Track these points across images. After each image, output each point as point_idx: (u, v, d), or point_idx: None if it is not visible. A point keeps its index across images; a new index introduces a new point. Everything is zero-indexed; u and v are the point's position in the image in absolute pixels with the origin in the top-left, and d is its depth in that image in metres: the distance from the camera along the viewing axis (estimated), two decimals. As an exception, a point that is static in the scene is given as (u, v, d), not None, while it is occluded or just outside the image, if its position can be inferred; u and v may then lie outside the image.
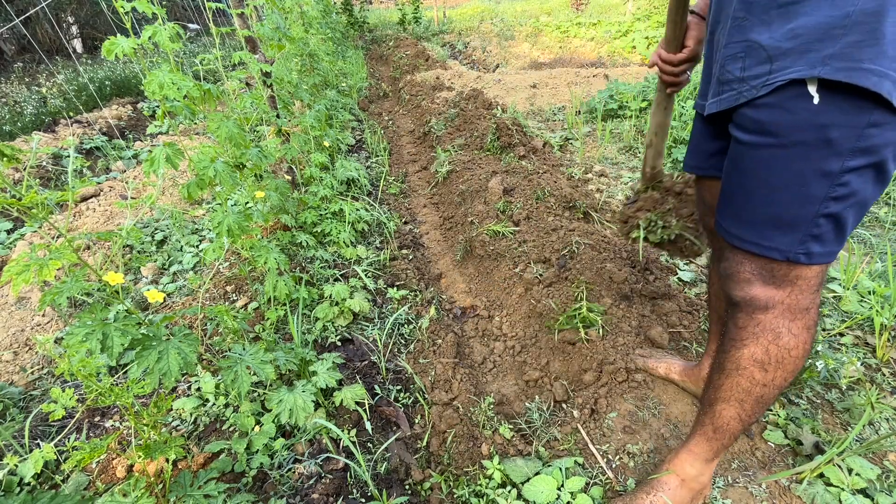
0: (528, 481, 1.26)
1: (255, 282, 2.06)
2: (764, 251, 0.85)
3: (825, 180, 0.76)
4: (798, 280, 0.86)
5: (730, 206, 0.91)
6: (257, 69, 2.02)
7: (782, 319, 0.90)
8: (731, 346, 0.96)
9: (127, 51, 1.11)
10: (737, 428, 1.02)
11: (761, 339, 0.92)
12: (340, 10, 9.49)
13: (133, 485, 1.02)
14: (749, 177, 0.84)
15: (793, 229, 0.81)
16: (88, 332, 0.86)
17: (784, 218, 0.82)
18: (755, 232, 0.86)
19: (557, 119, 4.25)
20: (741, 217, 0.88)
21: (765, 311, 0.90)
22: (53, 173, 3.59)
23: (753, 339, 0.92)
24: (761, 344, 0.92)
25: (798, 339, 0.90)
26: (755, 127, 0.80)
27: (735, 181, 0.88)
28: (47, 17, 7.63)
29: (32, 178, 3.40)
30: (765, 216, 0.84)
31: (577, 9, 10.45)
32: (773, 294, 0.89)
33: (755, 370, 0.94)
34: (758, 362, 0.93)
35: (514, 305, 1.98)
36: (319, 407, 1.47)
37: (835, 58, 0.69)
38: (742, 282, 0.91)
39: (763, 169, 0.81)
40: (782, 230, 0.83)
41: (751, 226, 0.86)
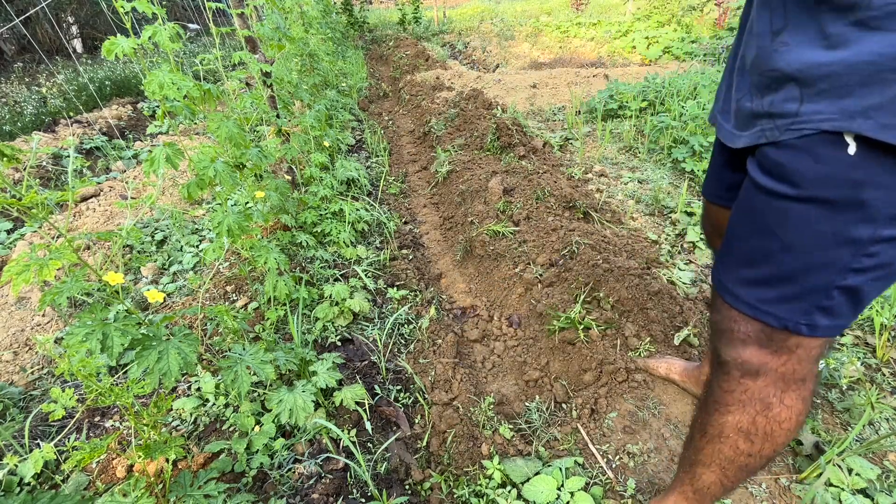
0: (528, 481, 1.26)
1: (255, 282, 2.06)
2: (759, 314, 0.74)
3: (849, 248, 0.63)
4: (797, 349, 0.75)
5: (729, 256, 0.79)
6: (257, 69, 2.02)
7: (774, 388, 0.79)
8: (715, 409, 0.85)
9: (127, 51, 1.11)
10: (718, 492, 0.93)
11: (748, 408, 0.81)
12: (340, 10, 9.49)
13: (133, 485, 1.02)
14: (757, 227, 0.72)
15: (799, 297, 0.69)
16: (88, 332, 0.86)
17: (791, 283, 0.69)
18: (753, 292, 0.74)
19: (557, 119, 4.25)
20: (740, 272, 0.76)
21: (755, 377, 0.79)
22: (53, 173, 3.59)
23: (740, 407, 0.82)
24: (748, 413, 0.81)
25: (791, 411, 0.80)
26: (775, 170, 0.66)
27: (740, 228, 0.76)
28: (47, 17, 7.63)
29: (32, 178, 3.40)
30: (767, 275, 0.72)
31: (577, 9, 10.45)
32: (767, 360, 0.77)
33: (740, 440, 0.83)
34: (743, 432, 0.83)
35: (514, 305, 1.98)
36: (319, 407, 1.47)
37: (881, 110, 0.55)
38: (734, 341, 0.80)
39: (776, 222, 0.68)
40: (786, 296, 0.71)
41: (749, 284, 0.75)
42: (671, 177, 2.96)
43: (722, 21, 6.88)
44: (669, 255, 2.21)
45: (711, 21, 7.38)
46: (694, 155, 2.97)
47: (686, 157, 2.95)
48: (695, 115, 3.26)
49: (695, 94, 3.79)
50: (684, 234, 2.35)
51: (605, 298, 1.78)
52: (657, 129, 3.38)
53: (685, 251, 2.25)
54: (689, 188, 2.76)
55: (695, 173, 2.84)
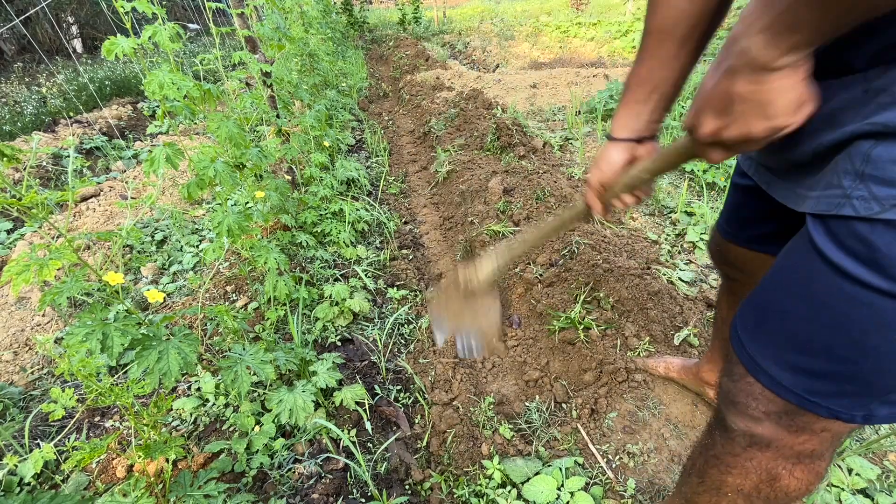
0: (528, 481, 1.26)
1: (255, 282, 2.06)
2: (804, 404, 0.61)
3: None
4: (823, 432, 0.65)
5: (767, 331, 0.65)
6: (257, 69, 2.02)
7: (784, 462, 0.70)
8: (715, 464, 0.77)
9: (127, 51, 1.11)
10: None
11: (752, 475, 0.73)
12: (340, 10, 9.49)
13: (133, 485, 1.02)
14: (822, 315, 0.57)
15: (865, 394, 0.58)
16: (88, 332, 0.86)
17: (858, 382, 0.57)
18: (803, 382, 0.61)
19: (557, 119, 4.25)
20: (786, 357, 0.62)
21: (765, 449, 0.70)
22: (53, 173, 3.59)
23: (742, 472, 0.74)
24: (751, 480, 0.73)
25: (800, 483, 0.71)
26: (864, 253, 0.52)
27: (790, 303, 0.61)
28: (47, 17, 7.63)
29: (32, 178, 3.40)
30: (828, 370, 0.59)
31: (577, 9, 10.45)
32: (782, 437, 0.67)
33: (739, 499, 0.76)
34: (744, 494, 0.75)
35: (514, 305, 1.98)
36: (319, 407, 1.47)
37: None
38: (747, 417, 0.70)
39: (853, 316, 0.54)
40: (847, 392, 0.59)
41: (799, 372, 0.61)
42: (671, 177, 2.96)
43: (722, 21, 6.87)
44: (669, 255, 2.21)
45: (711, 21, 7.37)
46: (694, 155, 2.96)
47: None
48: (695, 115, 3.25)
49: (694, 94, 3.79)
50: (684, 234, 2.35)
51: (605, 298, 1.78)
52: (657, 129, 3.38)
53: (685, 251, 2.25)
54: (689, 188, 2.76)
55: (694, 173, 2.84)
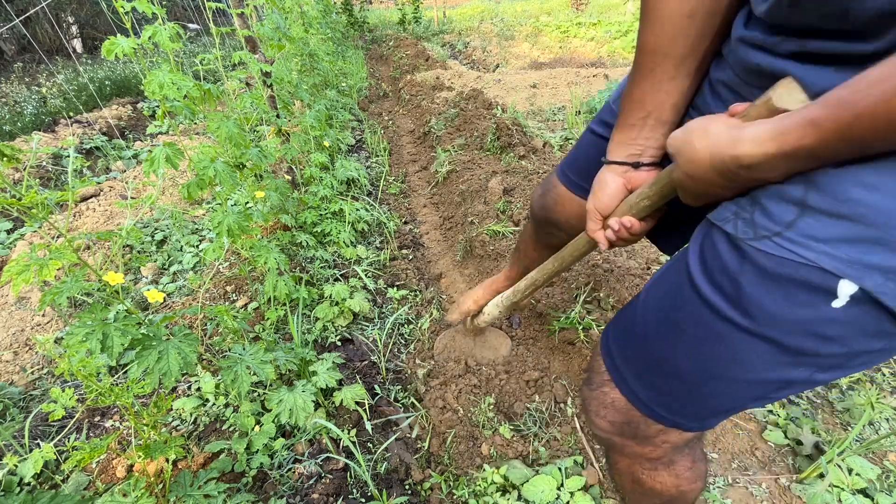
0: (528, 481, 1.26)
1: (255, 282, 2.06)
2: (655, 416, 0.68)
3: (778, 384, 0.56)
4: (663, 443, 0.71)
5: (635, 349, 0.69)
6: (257, 69, 2.01)
7: (641, 468, 0.77)
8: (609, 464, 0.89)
9: (127, 51, 1.11)
10: None
11: (624, 477, 0.82)
12: (340, 10, 9.49)
13: (133, 485, 1.02)
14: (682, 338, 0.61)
15: (709, 413, 0.64)
16: (88, 332, 0.86)
17: (704, 401, 0.63)
18: (656, 398, 0.67)
19: (557, 119, 4.25)
20: (646, 374, 0.67)
21: (620, 455, 0.78)
22: (53, 173, 3.59)
23: (616, 474, 0.84)
24: (625, 480, 0.82)
25: (665, 485, 0.77)
26: (727, 285, 0.54)
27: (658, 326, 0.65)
28: (47, 17, 7.63)
29: (32, 178, 3.40)
30: (680, 392, 0.64)
31: (577, 9, 10.45)
32: (628, 445, 0.74)
33: (635, 496, 0.85)
34: (633, 493, 0.84)
35: (514, 305, 1.98)
36: (319, 407, 1.47)
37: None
38: (598, 426, 0.76)
39: (707, 342, 0.58)
40: (695, 410, 0.65)
41: (655, 390, 0.66)
42: (671, 177, 2.96)
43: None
44: (669, 255, 2.21)
45: (711, 21, 7.38)
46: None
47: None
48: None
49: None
50: (684, 234, 2.35)
51: (605, 298, 1.78)
52: (657, 129, 3.38)
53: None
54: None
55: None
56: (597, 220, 0.79)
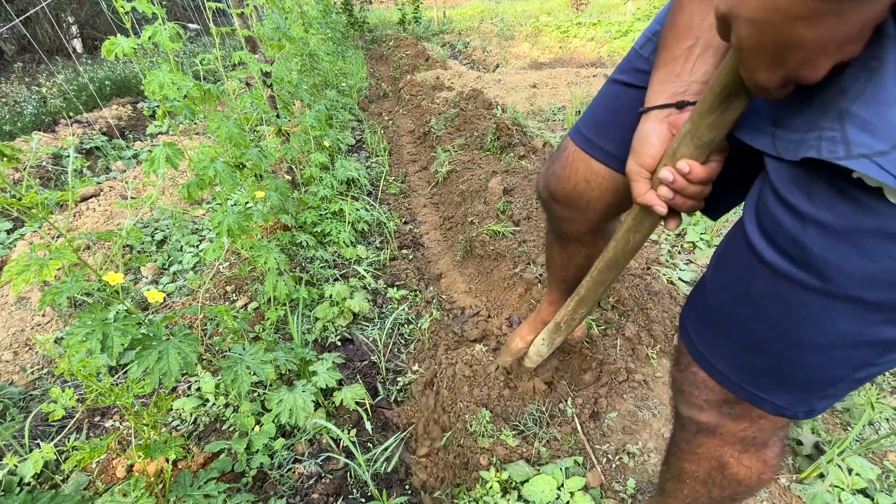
0: (528, 481, 1.26)
1: (255, 282, 2.06)
2: (750, 398, 0.63)
3: (876, 348, 0.51)
4: (761, 420, 0.67)
5: (715, 330, 0.65)
6: (257, 69, 2.01)
7: (731, 449, 0.72)
8: (674, 451, 0.82)
9: (127, 51, 1.11)
10: None
11: (704, 462, 0.76)
12: (340, 10, 9.49)
13: (133, 485, 1.02)
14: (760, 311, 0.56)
15: (804, 390, 0.59)
16: (88, 332, 0.86)
17: (798, 377, 0.58)
18: (747, 378, 0.63)
19: (557, 119, 4.25)
20: (731, 353, 0.63)
21: (711, 435, 0.73)
22: (53, 173, 3.59)
23: (695, 459, 0.77)
24: (703, 467, 0.77)
25: (750, 471, 0.74)
26: (792, 250, 0.49)
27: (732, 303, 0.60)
28: (47, 17, 7.63)
29: (32, 178, 3.40)
30: (769, 367, 0.60)
31: (577, 9, 10.46)
32: (724, 423, 0.70)
33: (697, 486, 0.80)
34: (699, 480, 0.79)
35: (514, 305, 1.98)
36: (319, 407, 1.47)
37: None
38: (692, 405, 0.73)
39: (786, 312, 0.53)
40: (788, 387, 0.60)
41: (743, 369, 0.63)
42: (671, 177, 2.96)
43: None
44: (669, 255, 2.21)
45: (711, 21, 7.38)
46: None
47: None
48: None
49: None
50: (684, 234, 2.35)
51: (605, 298, 1.78)
52: (657, 129, 3.38)
53: (685, 251, 2.25)
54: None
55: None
56: (644, 180, 0.67)
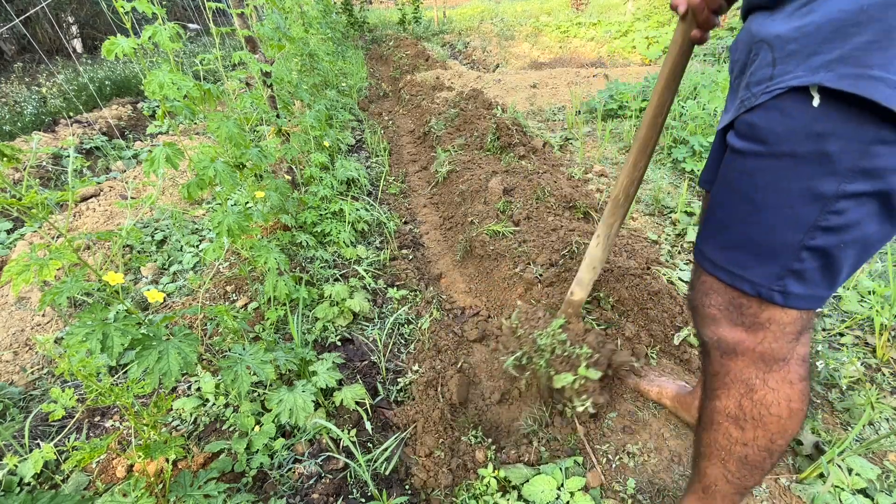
0: (528, 482, 1.26)
1: (255, 282, 2.06)
2: (734, 280, 0.73)
3: (815, 204, 0.63)
4: (770, 324, 0.73)
5: (707, 224, 0.79)
6: (257, 69, 2.02)
7: (755, 369, 0.77)
8: (706, 395, 0.86)
9: (127, 51, 1.11)
10: (728, 490, 0.88)
11: (732, 390, 0.79)
12: (340, 10, 9.49)
13: (133, 485, 1.02)
14: (731, 190, 0.73)
15: (770, 259, 0.69)
16: (88, 332, 0.86)
17: (762, 243, 0.69)
18: (728, 256, 0.74)
19: (557, 119, 4.25)
20: (716, 237, 0.76)
21: (734, 356, 0.78)
22: (53, 173, 3.59)
23: (725, 390, 0.80)
24: (733, 396, 0.79)
25: (777, 395, 0.77)
26: (748, 131, 0.68)
27: (717, 194, 0.76)
28: (47, 17, 7.63)
29: (32, 178, 3.40)
30: (741, 239, 0.72)
31: (577, 9, 10.45)
32: (741, 338, 0.76)
33: (730, 426, 0.81)
34: (731, 417, 0.81)
35: (514, 305, 1.98)
36: (319, 407, 1.47)
37: (841, 62, 0.57)
38: (707, 318, 0.79)
39: (746, 181, 0.69)
40: (759, 258, 0.70)
41: (725, 248, 0.75)
42: (671, 177, 2.96)
43: (722, 21, 6.88)
44: (669, 255, 2.21)
45: (711, 21, 7.37)
46: (694, 155, 2.96)
47: (686, 157, 2.95)
48: (695, 115, 3.26)
49: (695, 94, 3.79)
50: (684, 234, 2.35)
51: (605, 298, 1.78)
52: (657, 129, 3.38)
53: (685, 251, 2.25)
54: (689, 188, 2.76)
55: (695, 173, 2.84)
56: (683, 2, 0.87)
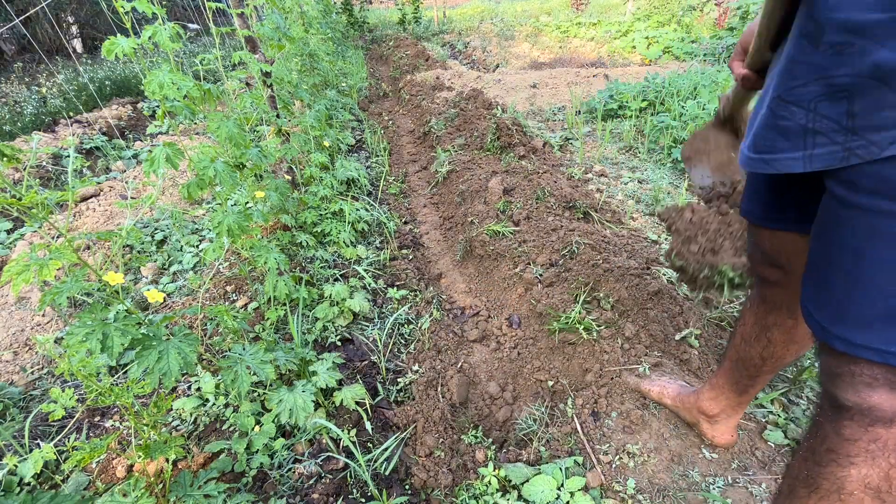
0: (528, 481, 1.26)
1: (255, 282, 2.06)
2: (888, 359, 0.61)
3: None
4: None
5: (827, 295, 0.65)
6: (257, 69, 2.02)
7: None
8: (832, 460, 0.70)
9: (127, 51, 1.11)
10: None
11: (880, 460, 0.66)
12: (340, 10, 9.49)
13: (133, 485, 1.02)
14: (864, 257, 0.59)
15: None
16: (88, 332, 0.86)
17: None
18: (872, 333, 0.61)
19: (557, 119, 4.25)
20: (848, 312, 0.63)
21: (889, 424, 0.64)
22: (53, 173, 3.59)
23: (868, 459, 0.67)
24: (880, 467, 0.66)
25: None
26: (880, 187, 0.55)
27: (837, 260, 0.63)
28: (47, 17, 7.63)
29: (32, 178, 3.40)
30: (887, 311, 0.59)
31: (577, 9, 10.45)
32: None
33: (866, 498, 0.69)
34: (872, 489, 0.68)
35: (514, 305, 1.98)
36: (319, 407, 1.47)
37: None
38: (857, 385, 0.65)
39: (889, 247, 0.57)
40: None
41: (864, 325, 0.61)
42: (671, 177, 2.96)
43: (722, 21, 6.88)
44: (669, 255, 2.21)
45: (711, 21, 7.39)
46: (694, 155, 2.96)
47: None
48: (695, 115, 3.26)
49: (695, 94, 3.79)
50: (684, 234, 2.35)
51: (605, 298, 1.78)
52: (657, 128, 3.38)
53: (685, 251, 2.25)
54: (690, 188, 2.76)
55: (695, 173, 2.84)
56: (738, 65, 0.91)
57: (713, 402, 1.23)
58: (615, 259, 1.93)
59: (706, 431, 1.30)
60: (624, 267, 1.88)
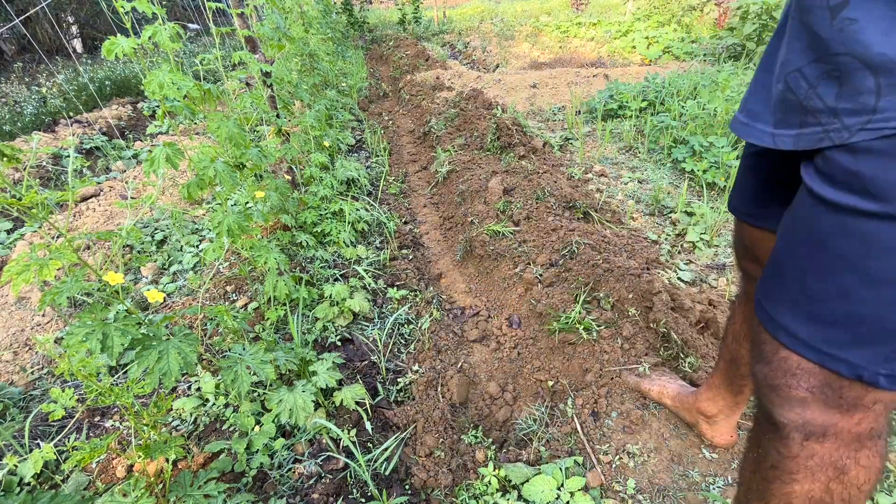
0: (528, 481, 1.26)
1: (255, 282, 2.06)
2: (824, 360, 0.59)
3: None
4: (874, 405, 0.60)
5: (783, 288, 0.63)
6: (257, 69, 2.02)
7: (845, 450, 0.64)
8: (776, 476, 0.70)
9: (127, 51, 1.11)
10: None
11: (819, 475, 0.66)
12: (340, 10, 9.49)
13: (133, 485, 1.02)
14: (825, 254, 0.57)
15: (880, 340, 0.55)
16: (88, 332, 0.86)
17: (870, 323, 0.55)
18: (819, 332, 0.59)
19: (557, 119, 4.25)
20: (801, 307, 0.60)
21: (822, 439, 0.64)
22: (53, 173, 3.59)
23: (808, 475, 0.67)
24: (820, 481, 0.66)
25: (869, 471, 0.66)
26: (848, 180, 0.53)
27: (798, 253, 0.61)
28: (47, 17, 7.63)
29: (32, 178, 3.40)
30: (839, 314, 0.57)
31: (577, 9, 10.45)
32: (834, 420, 0.62)
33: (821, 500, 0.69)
34: (815, 501, 0.68)
35: (514, 305, 1.98)
36: (319, 407, 1.47)
37: None
38: (792, 400, 0.64)
39: (852, 246, 0.54)
40: (862, 338, 0.56)
41: (815, 323, 0.59)
42: (671, 177, 2.96)
43: (722, 21, 6.88)
44: (669, 255, 2.21)
45: (711, 21, 7.39)
46: (694, 155, 2.97)
47: (686, 157, 2.95)
48: (695, 115, 3.26)
49: (695, 94, 3.79)
50: (684, 234, 2.35)
51: (605, 298, 1.78)
52: (657, 128, 3.38)
53: (685, 251, 2.25)
54: (689, 188, 2.76)
55: (695, 173, 2.84)
56: None
57: (711, 403, 1.24)
58: (615, 259, 1.93)
59: (706, 431, 1.30)
60: (624, 267, 1.88)
